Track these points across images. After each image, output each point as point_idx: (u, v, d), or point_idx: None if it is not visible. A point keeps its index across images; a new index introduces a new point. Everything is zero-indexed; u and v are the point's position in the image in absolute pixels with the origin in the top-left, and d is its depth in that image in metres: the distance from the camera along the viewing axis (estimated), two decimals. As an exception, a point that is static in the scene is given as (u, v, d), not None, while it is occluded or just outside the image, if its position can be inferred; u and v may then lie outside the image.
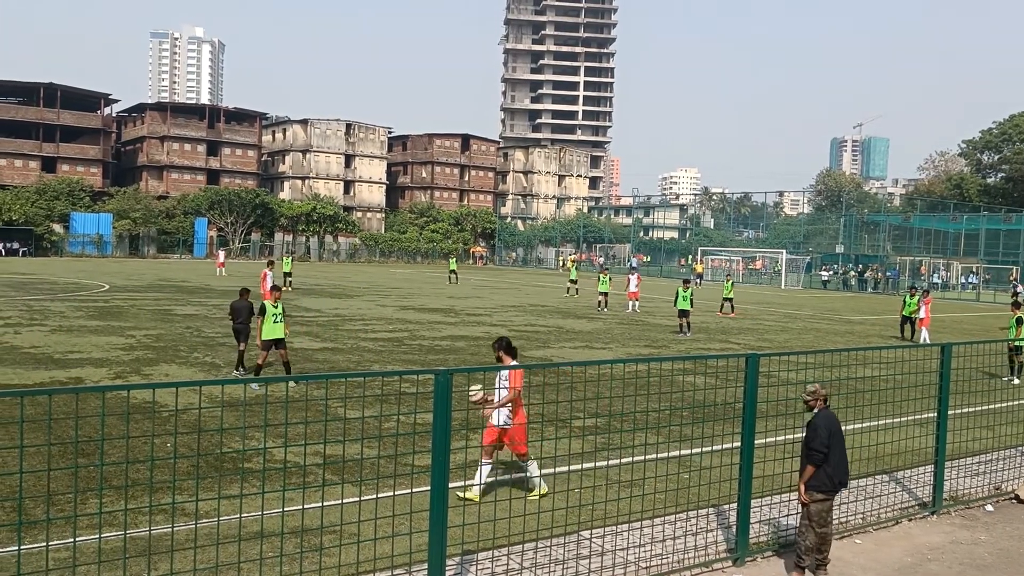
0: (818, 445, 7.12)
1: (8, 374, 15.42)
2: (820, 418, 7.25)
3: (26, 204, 78.70)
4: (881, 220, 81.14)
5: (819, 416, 7.27)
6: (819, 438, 7.14)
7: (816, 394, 7.36)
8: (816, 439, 7.16)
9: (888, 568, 7.77)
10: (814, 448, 7.12)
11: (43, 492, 8.15)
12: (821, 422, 7.21)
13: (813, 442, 7.15)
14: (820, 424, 7.20)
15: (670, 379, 15.04)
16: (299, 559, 6.70)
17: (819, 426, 7.19)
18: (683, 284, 27.80)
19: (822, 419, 7.24)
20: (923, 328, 26.71)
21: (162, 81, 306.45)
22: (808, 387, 7.37)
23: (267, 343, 15.01)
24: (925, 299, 26.92)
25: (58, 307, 28.27)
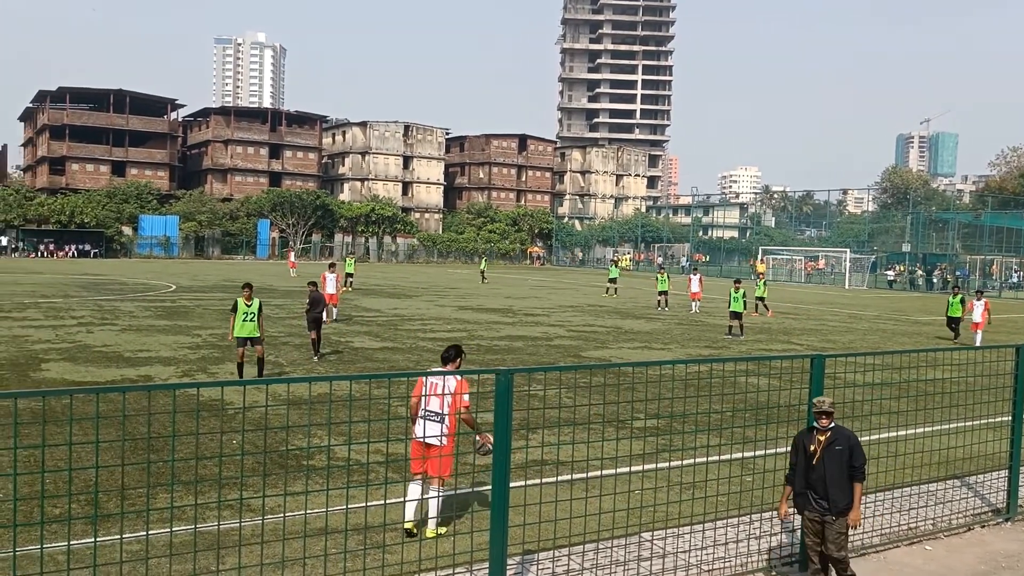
0: (864, 459, 6.63)
1: (81, 372, 15.92)
2: (849, 430, 6.72)
3: (97, 207, 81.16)
4: (950, 218, 78.93)
5: (847, 429, 6.74)
6: (864, 454, 6.66)
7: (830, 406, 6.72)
8: (863, 453, 6.64)
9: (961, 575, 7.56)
10: (865, 464, 6.61)
11: (116, 486, 8.39)
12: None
13: (863, 456, 6.62)
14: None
15: (732, 380, 14.84)
16: (362, 556, 6.78)
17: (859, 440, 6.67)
18: (734, 284, 26.58)
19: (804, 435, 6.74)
20: (977, 331, 25.41)
21: (226, 86, 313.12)
22: (823, 399, 6.71)
23: (240, 340, 15.46)
24: (983, 301, 25.68)
25: (128, 307, 29.08)
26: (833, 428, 6.62)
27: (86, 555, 6.60)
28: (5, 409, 11.22)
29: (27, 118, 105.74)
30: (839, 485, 6.53)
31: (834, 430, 6.61)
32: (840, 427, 6.67)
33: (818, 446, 6.62)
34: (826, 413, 6.61)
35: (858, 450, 6.57)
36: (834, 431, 6.61)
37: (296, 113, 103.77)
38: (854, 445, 6.56)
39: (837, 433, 6.60)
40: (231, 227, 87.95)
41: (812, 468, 6.60)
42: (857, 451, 6.56)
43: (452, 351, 8.13)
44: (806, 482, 6.66)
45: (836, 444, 6.55)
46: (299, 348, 19.92)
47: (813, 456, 6.61)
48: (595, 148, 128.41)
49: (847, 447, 6.53)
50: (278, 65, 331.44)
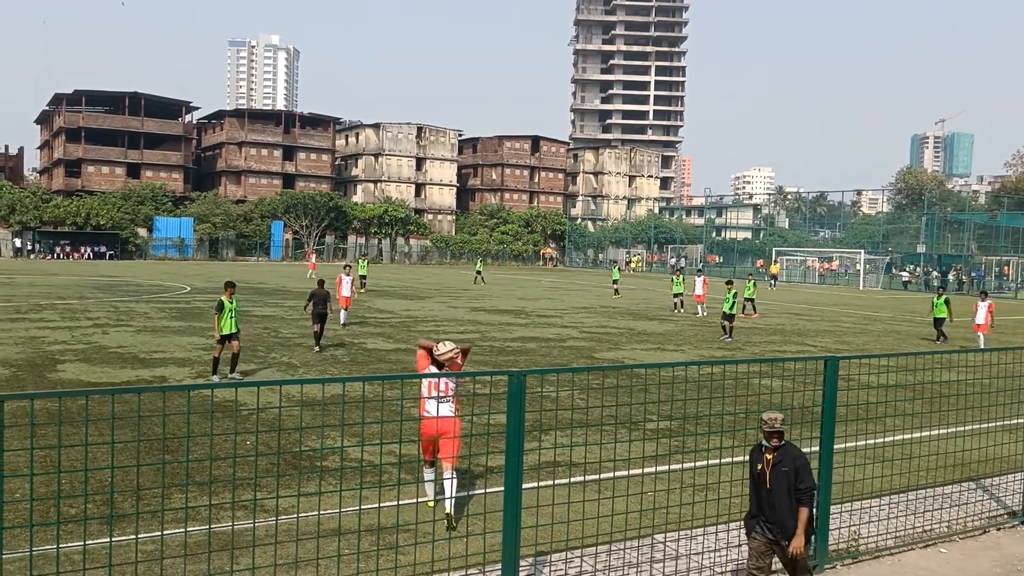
0: (812, 482, 6.14)
1: (97, 372, 16.02)
2: (797, 449, 6.18)
3: (112, 209, 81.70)
4: (965, 219, 78.42)
5: (796, 447, 6.21)
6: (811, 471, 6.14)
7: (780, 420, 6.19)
8: (812, 475, 6.14)
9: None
10: (814, 487, 6.13)
11: (132, 487, 8.45)
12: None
13: (811, 479, 6.11)
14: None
15: (745, 382, 14.80)
16: (375, 556, 6.80)
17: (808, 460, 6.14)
18: (727, 285, 26.52)
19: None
20: (981, 334, 24.91)
21: (240, 88, 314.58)
22: (776, 416, 6.17)
23: (223, 337, 15.82)
24: (987, 303, 25.11)
25: (143, 308, 29.26)
26: (782, 447, 6.14)
27: (102, 555, 6.65)
28: (22, 410, 11.30)
29: (43, 121, 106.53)
30: (789, 509, 6.07)
31: (782, 449, 6.13)
32: (789, 446, 6.17)
33: (766, 466, 6.16)
34: (777, 433, 6.12)
35: (805, 472, 6.06)
36: (781, 450, 6.12)
37: (309, 115, 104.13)
38: (800, 466, 6.06)
39: (784, 453, 6.11)
40: (245, 229, 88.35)
41: (760, 490, 6.18)
42: (804, 473, 6.05)
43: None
44: (757, 504, 6.25)
45: (783, 465, 6.08)
46: (311, 349, 19.98)
47: (761, 477, 6.17)
48: (608, 149, 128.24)
49: (792, 468, 6.05)
50: (292, 67, 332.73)
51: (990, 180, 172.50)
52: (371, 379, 8.48)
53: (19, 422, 10.55)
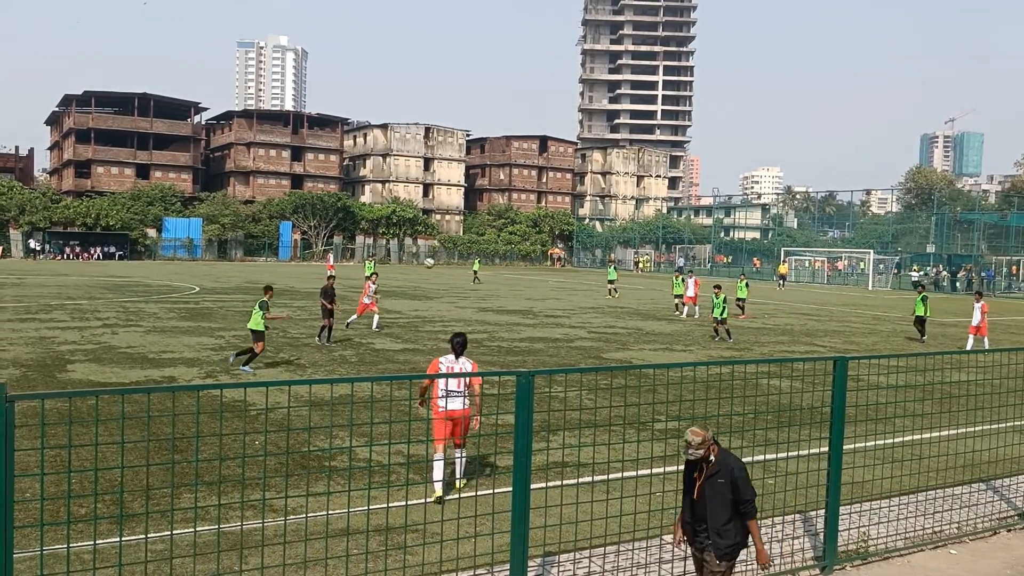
0: (753, 493, 5.74)
1: (107, 372, 16.08)
2: (735, 459, 5.78)
3: (122, 210, 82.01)
4: (975, 218, 78.10)
5: (735, 456, 5.81)
6: (751, 484, 5.76)
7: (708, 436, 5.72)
8: (751, 486, 5.74)
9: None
10: (753, 498, 5.72)
11: (141, 487, 8.48)
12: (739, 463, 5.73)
13: (751, 490, 5.70)
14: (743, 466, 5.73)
15: (754, 382, 14.77)
16: (383, 557, 6.81)
17: (745, 469, 5.73)
18: (715, 290, 25.13)
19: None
20: (972, 336, 24.44)
21: (248, 89, 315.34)
22: (696, 433, 5.67)
23: (254, 333, 17.03)
24: (980, 303, 24.58)
25: (152, 308, 29.36)
26: (718, 457, 5.72)
27: (111, 554, 6.68)
28: (32, 410, 11.36)
29: (53, 122, 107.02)
30: (722, 523, 5.67)
31: (718, 459, 5.71)
32: (726, 456, 5.75)
33: (700, 476, 5.75)
34: (701, 457, 5.68)
35: (743, 483, 5.62)
36: (718, 460, 5.70)
37: (318, 116, 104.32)
38: (737, 478, 5.62)
39: (721, 463, 5.68)
40: (253, 229, 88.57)
41: (695, 501, 5.80)
42: (742, 484, 5.62)
43: (461, 341, 9.29)
44: (692, 513, 5.87)
45: (719, 476, 5.65)
46: (320, 349, 20.03)
47: (694, 487, 5.80)
48: (616, 149, 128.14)
49: (728, 480, 5.62)
50: (300, 68, 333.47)
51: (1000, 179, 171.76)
52: (379, 379, 8.50)
53: (29, 422, 10.60)
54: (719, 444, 5.76)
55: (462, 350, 9.24)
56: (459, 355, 9.18)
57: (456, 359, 9.15)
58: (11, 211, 78.46)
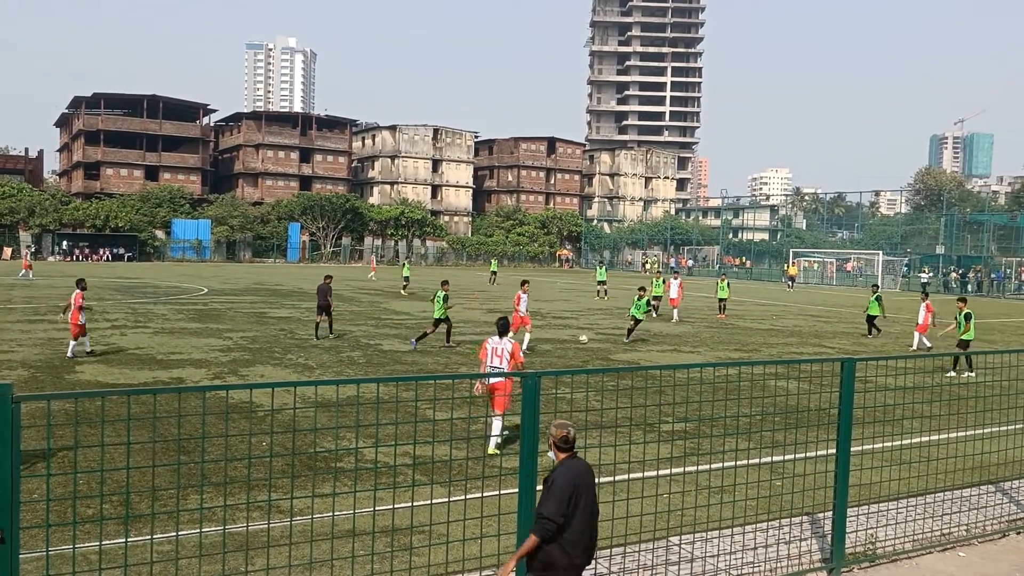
0: (550, 510, 5.10)
1: (115, 373, 16.13)
2: (564, 473, 5.22)
3: (131, 211, 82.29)
4: (985, 219, 77.72)
5: (564, 469, 5.25)
6: (554, 500, 5.10)
7: (557, 434, 5.36)
8: (549, 501, 5.12)
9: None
10: (545, 515, 5.11)
11: (148, 487, 8.49)
12: (564, 478, 5.18)
13: (544, 505, 5.14)
14: (560, 479, 5.18)
15: (761, 384, 14.72)
16: (389, 558, 6.80)
17: (557, 482, 5.16)
18: (639, 291, 24.34)
19: (567, 474, 5.22)
20: (919, 333, 24.25)
21: (257, 91, 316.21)
22: (555, 422, 5.45)
23: (436, 321, 21.18)
24: (925, 303, 24.29)
25: (160, 310, 29.44)
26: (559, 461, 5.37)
27: (118, 555, 6.69)
28: (40, 411, 11.39)
29: (63, 124, 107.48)
30: (580, 528, 5.29)
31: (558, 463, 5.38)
32: (566, 460, 5.36)
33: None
34: (565, 444, 5.36)
35: (544, 494, 5.22)
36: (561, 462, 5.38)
37: (326, 117, 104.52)
38: (546, 487, 5.26)
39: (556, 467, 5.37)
40: (262, 231, 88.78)
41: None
42: (543, 494, 5.23)
43: (504, 323, 11.64)
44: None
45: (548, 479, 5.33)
46: (327, 351, 20.05)
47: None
48: (624, 150, 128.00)
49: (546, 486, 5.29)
50: (308, 70, 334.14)
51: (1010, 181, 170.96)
52: (385, 380, 8.51)
53: (37, 423, 10.63)
54: (574, 452, 5.38)
55: (504, 331, 11.39)
56: (502, 335, 11.34)
57: (500, 339, 11.30)
58: (21, 213, 78.81)
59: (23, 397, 4.77)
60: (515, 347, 11.38)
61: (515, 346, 11.39)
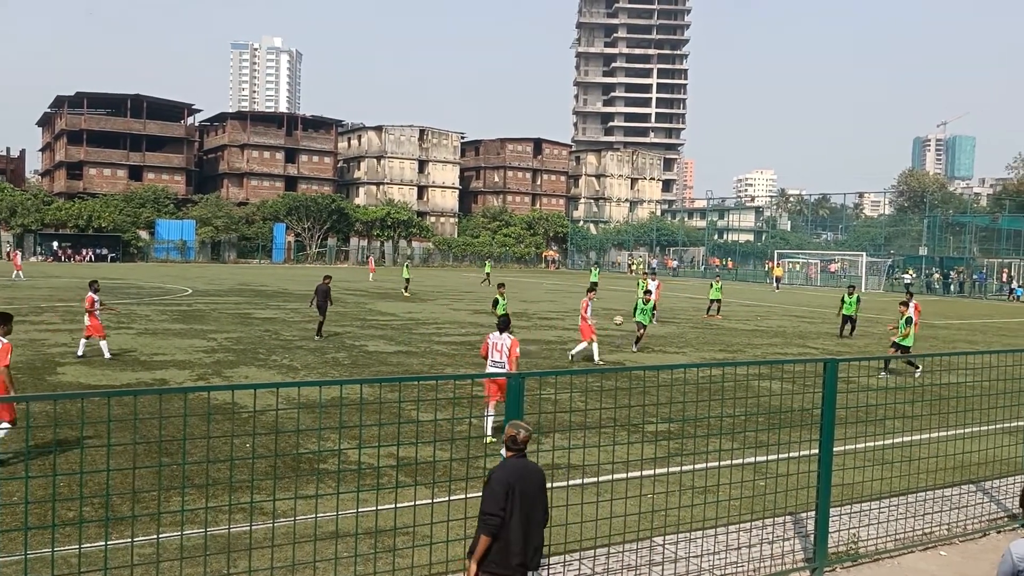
0: (489, 507, 5.21)
1: (97, 375, 16.02)
2: (500, 470, 5.32)
3: (114, 211, 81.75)
4: (967, 221, 78.32)
5: (500, 467, 5.36)
6: (490, 496, 5.22)
7: (507, 433, 5.41)
8: (487, 499, 5.24)
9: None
10: (486, 512, 5.22)
11: (129, 490, 8.43)
12: (499, 475, 5.27)
13: (484, 503, 5.26)
14: (496, 479, 5.26)
15: (745, 384, 14.77)
16: (373, 559, 6.78)
17: (492, 479, 5.26)
18: (644, 296, 23.35)
19: (503, 472, 5.30)
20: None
21: (242, 91, 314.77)
22: (511, 422, 5.53)
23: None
24: (912, 303, 24.46)
25: (144, 311, 29.26)
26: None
27: (98, 558, 6.63)
28: (19, 412, 11.29)
29: (45, 123, 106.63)
30: (520, 533, 5.33)
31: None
32: (510, 459, 5.41)
33: None
34: (514, 444, 5.39)
35: (483, 492, 5.31)
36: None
37: (312, 117, 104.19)
38: (484, 485, 5.35)
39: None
40: (247, 231, 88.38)
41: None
42: (483, 492, 5.32)
43: (504, 321, 12.15)
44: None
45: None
46: (312, 352, 19.98)
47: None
48: (610, 152, 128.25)
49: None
50: (294, 70, 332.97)
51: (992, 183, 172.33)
52: (369, 381, 8.48)
53: (17, 425, 10.53)
54: (524, 453, 5.39)
55: (505, 327, 11.98)
56: (502, 331, 11.94)
57: (500, 334, 11.90)
58: (2, 213, 78.16)
59: (2, 399, 4.72)
60: (514, 342, 11.80)
61: (514, 341, 11.82)
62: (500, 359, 11.69)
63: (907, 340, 19.03)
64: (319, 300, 23.01)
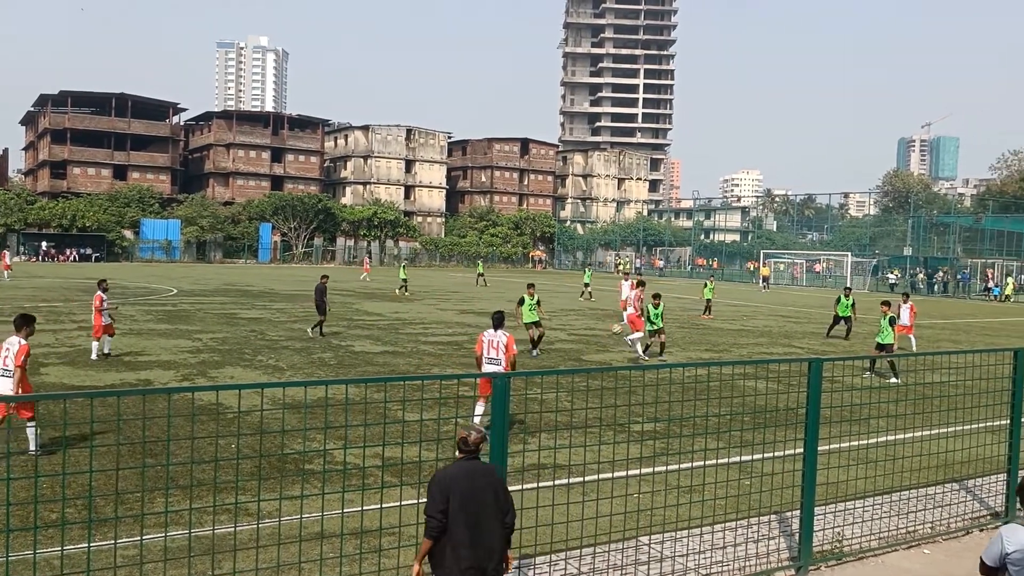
0: (428, 509, 5.21)
1: (80, 375, 15.91)
2: (441, 472, 5.30)
3: (99, 211, 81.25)
4: (951, 221, 78.81)
5: (444, 469, 5.34)
6: (429, 499, 5.20)
7: (458, 435, 5.40)
8: (427, 502, 5.23)
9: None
10: (426, 513, 5.22)
11: (112, 491, 8.37)
12: (438, 477, 5.24)
13: (425, 505, 5.25)
14: (435, 480, 5.24)
15: (731, 384, 14.82)
16: (359, 560, 6.76)
17: (432, 483, 5.24)
18: (653, 299, 21.01)
19: (443, 474, 5.26)
20: (909, 335, 24.50)
21: (228, 90, 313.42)
22: (463, 425, 5.52)
23: (527, 324, 21.10)
24: (908, 304, 24.62)
25: (128, 311, 29.07)
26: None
27: (81, 560, 6.59)
28: (3, 413, 11.20)
29: (28, 122, 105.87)
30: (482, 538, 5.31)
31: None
32: (457, 461, 5.41)
33: None
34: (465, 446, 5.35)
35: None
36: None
37: (298, 117, 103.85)
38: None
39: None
40: (233, 231, 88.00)
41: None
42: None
43: (499, 316, 11.92)
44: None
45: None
46: (299, 352, 19.92)
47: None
48: (597, 152, 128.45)
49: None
50: (280, 69, 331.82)
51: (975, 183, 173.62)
52: (354, 382, 8.43)
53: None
54: (475, 454, 5.36)
55: (499, 324, 11.75)
56: (497, 328, 11.72)
57: (495, 331, 11.69)
58: (-14, 212, 77.61)
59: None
60: (510, 339, 11.66)
61: (510, 338, 11.67)
62: (496, 356, 11.59)
63: (887, 338, 18.84)
64: (318, 299, 23.58)
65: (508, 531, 5.40)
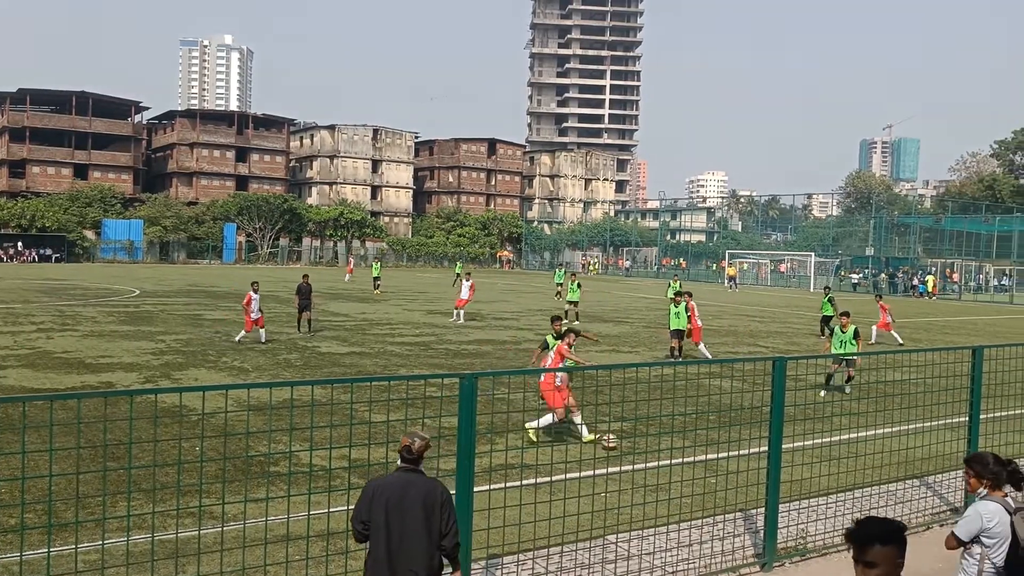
0: (353, 516, 4.98)
1: (40, 378, 15.63)
2: (372, 480, 5.04)
3: (59, 211, 79.89)
4: (912, 222, 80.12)
5: (376, 478, 5.08)
6: (356, 506, 4.97)
7: (401, 442, 5.05)
8: (355, 506, 4.99)
9: (920, 575, 7.65)
10: (351, 520, 5.02)
11: (73, 495, 8.24)
12: (367, 486, 5.01)
13: (353, 510, 5.02)
14: (366, 487, 5.01)
15: (696, 383, 14.93)
16: (325, 562, 6.72)
17: (364, 488, 5.02)
18: (675, 298, 21.56)
19: (371, 483, 4.99)
20: (891, 331, 26.20)
21: (191, 89, 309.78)
22: (407, 432, 5.16)
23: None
24: (882, 306, 26.40)
25: (90, 312, 28.63)
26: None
27: (41, 565, 6.48)
28: (-40, 417, 10.97)
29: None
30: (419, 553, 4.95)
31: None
32: (396, 471, 5.06)
33: None
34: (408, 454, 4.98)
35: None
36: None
37: (263, 116, 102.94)
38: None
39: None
40: (197, 231, 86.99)
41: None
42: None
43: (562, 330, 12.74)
44: None
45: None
46: (264, 353, 19.75)
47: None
48: (564, 152, 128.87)
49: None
50: (245, 68, 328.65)
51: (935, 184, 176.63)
52: (320, 383, 8.38)
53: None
54: (416, 463, 5.02)
55: (559, 338, 12.55)
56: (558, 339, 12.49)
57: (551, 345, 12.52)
58: (-59, 212, 75.98)
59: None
60: (558, 347, 12.13)
61: (558, 347, 12.14)
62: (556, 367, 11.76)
63: (851, 347, 16.64)
64: (302, 300, 23.88)
65: (444, 555, 4.94)
